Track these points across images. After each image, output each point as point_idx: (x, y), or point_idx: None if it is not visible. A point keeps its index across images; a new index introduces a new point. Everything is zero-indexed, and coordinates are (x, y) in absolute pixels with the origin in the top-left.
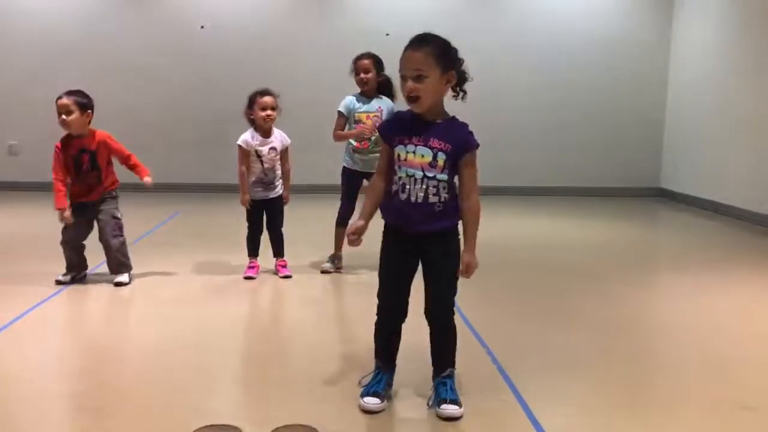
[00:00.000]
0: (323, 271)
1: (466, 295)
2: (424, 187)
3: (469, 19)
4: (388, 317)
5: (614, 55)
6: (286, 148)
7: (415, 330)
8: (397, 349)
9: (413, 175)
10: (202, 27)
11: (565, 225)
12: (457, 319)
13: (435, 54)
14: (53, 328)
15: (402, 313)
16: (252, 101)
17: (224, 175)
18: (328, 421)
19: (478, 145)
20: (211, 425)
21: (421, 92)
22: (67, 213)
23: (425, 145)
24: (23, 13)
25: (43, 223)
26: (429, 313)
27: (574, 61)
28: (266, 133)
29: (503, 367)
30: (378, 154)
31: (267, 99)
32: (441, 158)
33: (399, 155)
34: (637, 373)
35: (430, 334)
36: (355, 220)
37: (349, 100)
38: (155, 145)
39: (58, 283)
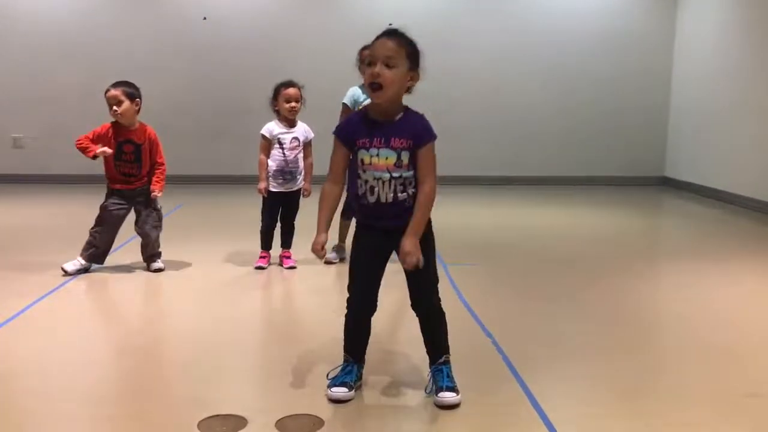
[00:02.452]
0: (327, 262)
1: (470, 284)
2: (392, 187)
3: (472, 11)
4: (359, 310)
5: (619, 46)
6: (309, 142)
7: (409, 320)
8: (367, 342)
9: (380, 178)
10: (205, 18)
11: (569, 214)
12: (461, 308)
13: (406, 47)
14: (60, 319)
15: (372, 307)
16: (277, 93)
17: (225, 167)
18: (333, 412)
19: (435, 137)
20: (217, 415)
21: (387, 80)
22: (104, 148)
23: (388, 147)
24: (26, 7)
25: (48, 215)
26: (415, 303)
27: (578, 52)
28: (290, 124)
29: (508, 357)
30: None
31: (291, 91)
32: (405, 156)
33: (363, 160)
34: (642, 362)
35: (420, 324)
36: (315, 237)
37: (353, 91)
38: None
39: (65, 273)
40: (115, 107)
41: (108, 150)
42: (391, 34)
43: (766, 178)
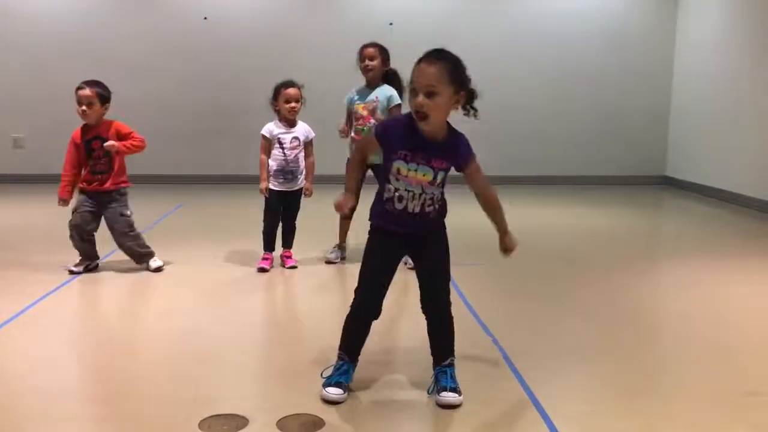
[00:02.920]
0: (328, 262)
1: (471, 283)
2: (422, 200)
3: (472, 11)
4: (365, 313)
5: (619, 45)
6: (310, 141)
7: (414, 320)
8: (363, 344)
9: (412, 191)
10: (206, 18)
11: (570, 214)
12: (462, 308)
13: (449, 71)
14: (60, 318)
15: (377, 312)
16: (277, 93)
17: (225, 167)
18: (334, 411)
19: (474, 154)
20: (218, 415)
21: (431, 110)
22: (63, 199)
23: (427, 165)
24: (26, 7)
25: (48, 214)
26: (427, 306)
27: (579, 52)
28: (291, 124)
29: (509, 355)
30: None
31: (291, 91)
32: (440, 176)
33: (399, 169)
34: (643, 361)
35: (428, 326)
36: (344, 197)
37: (349, 94)
38: (155, 137)
39: (71, 272)
40: (84, 107)
41: (65, 204)
42: (432, 59)
43: (767, 176)
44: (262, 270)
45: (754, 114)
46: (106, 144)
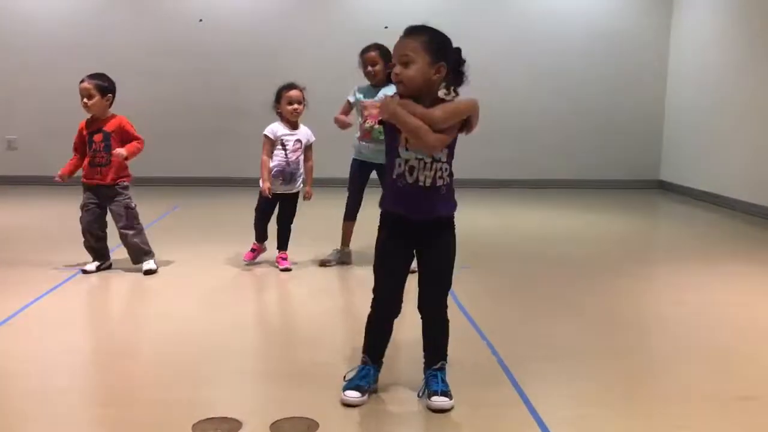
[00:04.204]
0: (323, 264)
1: (467, 287)
2: (432, 171)
3: (469, 14)
4: (385, 311)
5: (614, 48)
6: (310, 145)
7: (408, 323)
8: (387, 344)
9: (422, 158)
10: (201, 20)
11: (564, 217)
12: (457, 311)
13: (425, 41)
14: (53, 321)
15: (398, 307)
16: (279, 95)
17: (221, 169)
18: (328, 414)
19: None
20: (212, 418)
21: (406, 78)
22: (62, 174)
23: None
24: (21, 9)
25: (42, 216)
26: (424, 306)
27: (573, 55)
28: (293, 126)
29: (503, 359)
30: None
31: (294, 93)
32: None
33: (407, 138)
34: (637, 364)
35: (423, 327)
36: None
37: (355, 94)
38: (152, 139)
39: (84, 272)
40: (85, 99)
41: (62, 179)
42: (408, 31)
43: (762, 181)
44: (248, 263)
45: (749, 119)
46: (113, 152)
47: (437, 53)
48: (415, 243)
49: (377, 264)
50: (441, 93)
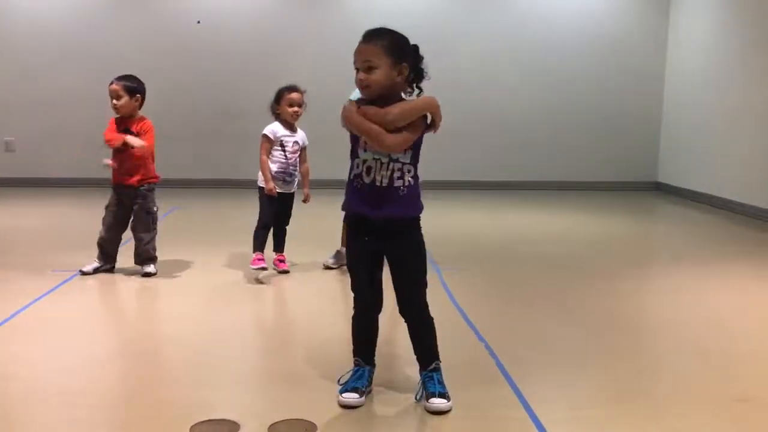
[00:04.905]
0: (326, 267)
1: (465, 288)
2: (389, 170)
3: (465, 15)
4: (366, 308)
5: (611, 50)
6: (305, 148)
7: (403, 325)
8: (375, 344)
9: (379, 158)
10: (198, 22)
11: (562, 219)
12: (454, 312)
13: (385, 46)
14: (52, 322)
15: (377, 303)
16: (280, 96)
17: (219, 171)
18: (326, 417)
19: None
20: (210, 420)
21: (371, 81)
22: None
23: None
24: (19, 11)
25: (40, 217)
26: (404, 310)
27: (570, 56)
28: (291, 128)
29: (501, 361)
30: None
31: (295, 95)
32: None
33: (365, 139)
34: (634, 366)
35: (409, 330)
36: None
37: (354, 94)
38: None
39: (83, 273)
40: (114, 101)
41: (111, 162)
42: (365, 38)
43: (759, 183)
44: (262, 269)
45: (746, 121)
46: (126, 138)
47: (398, 55)
48: (380, 242)
49: (349, 264)
50: (404, 94)
